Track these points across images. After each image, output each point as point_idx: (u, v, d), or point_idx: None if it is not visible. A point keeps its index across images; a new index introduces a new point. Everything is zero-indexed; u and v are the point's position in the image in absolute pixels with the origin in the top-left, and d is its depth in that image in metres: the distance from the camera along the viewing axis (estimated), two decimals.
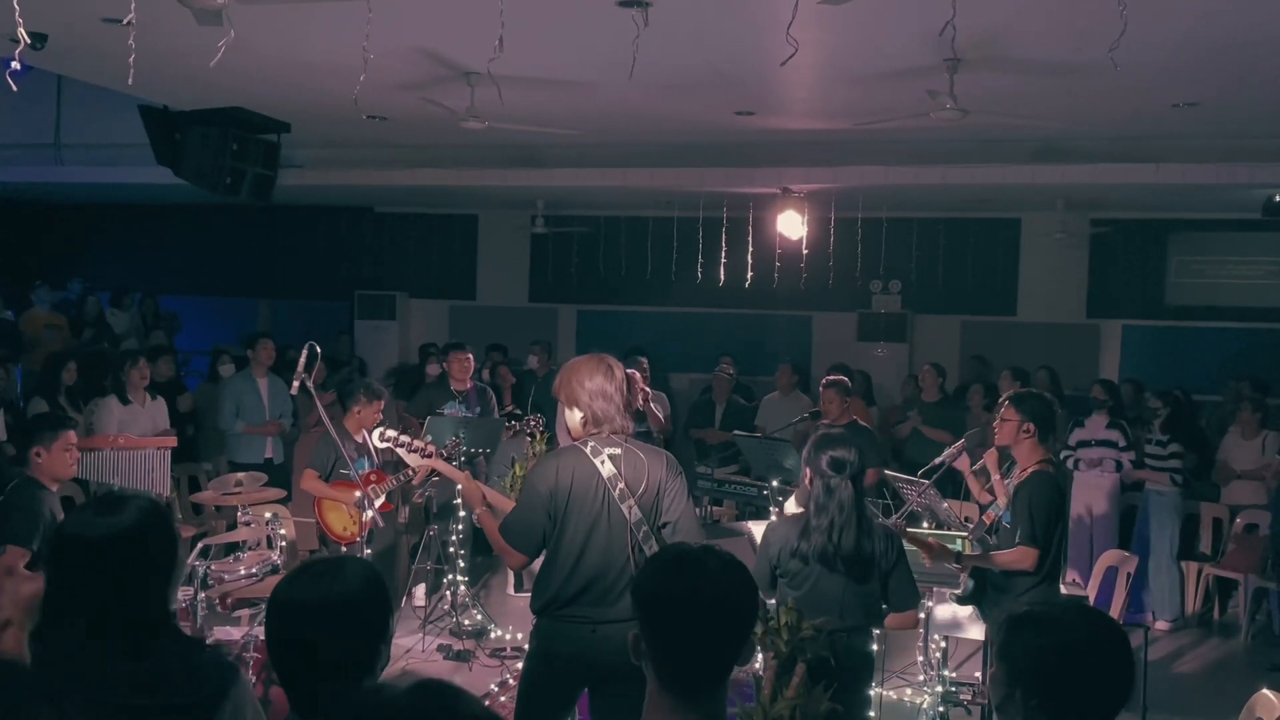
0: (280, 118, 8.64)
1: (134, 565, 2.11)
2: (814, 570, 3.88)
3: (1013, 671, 1.95)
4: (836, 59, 6.47)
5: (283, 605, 2.01)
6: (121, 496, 2.21)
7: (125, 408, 7.46)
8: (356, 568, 2.05)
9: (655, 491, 3.65)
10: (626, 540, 3.58)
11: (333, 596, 1.97)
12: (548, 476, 3.63)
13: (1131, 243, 11.57)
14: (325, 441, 6.33)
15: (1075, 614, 1.99)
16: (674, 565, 2.02)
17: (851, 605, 3.91)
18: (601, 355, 3.77)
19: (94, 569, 2.09)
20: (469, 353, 7.93)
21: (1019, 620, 2.00)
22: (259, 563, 4.80)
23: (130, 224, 14.04)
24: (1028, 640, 1.96)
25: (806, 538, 3.90)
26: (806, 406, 9.30)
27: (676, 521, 3.67)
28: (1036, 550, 4.55)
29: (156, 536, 2.16)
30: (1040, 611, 2.01)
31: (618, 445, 3.65)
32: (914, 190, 9.93)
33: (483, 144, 9.28)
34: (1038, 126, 8.02)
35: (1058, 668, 1.90)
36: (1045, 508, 4.59)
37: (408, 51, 6.45)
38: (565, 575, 3.59)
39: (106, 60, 6.76)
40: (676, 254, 11.50)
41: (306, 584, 2.01)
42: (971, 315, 12.07)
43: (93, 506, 2.21)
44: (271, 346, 8.35)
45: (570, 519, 3.59)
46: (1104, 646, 1.92)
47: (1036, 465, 4.70)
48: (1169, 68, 6.38)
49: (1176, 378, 9.97)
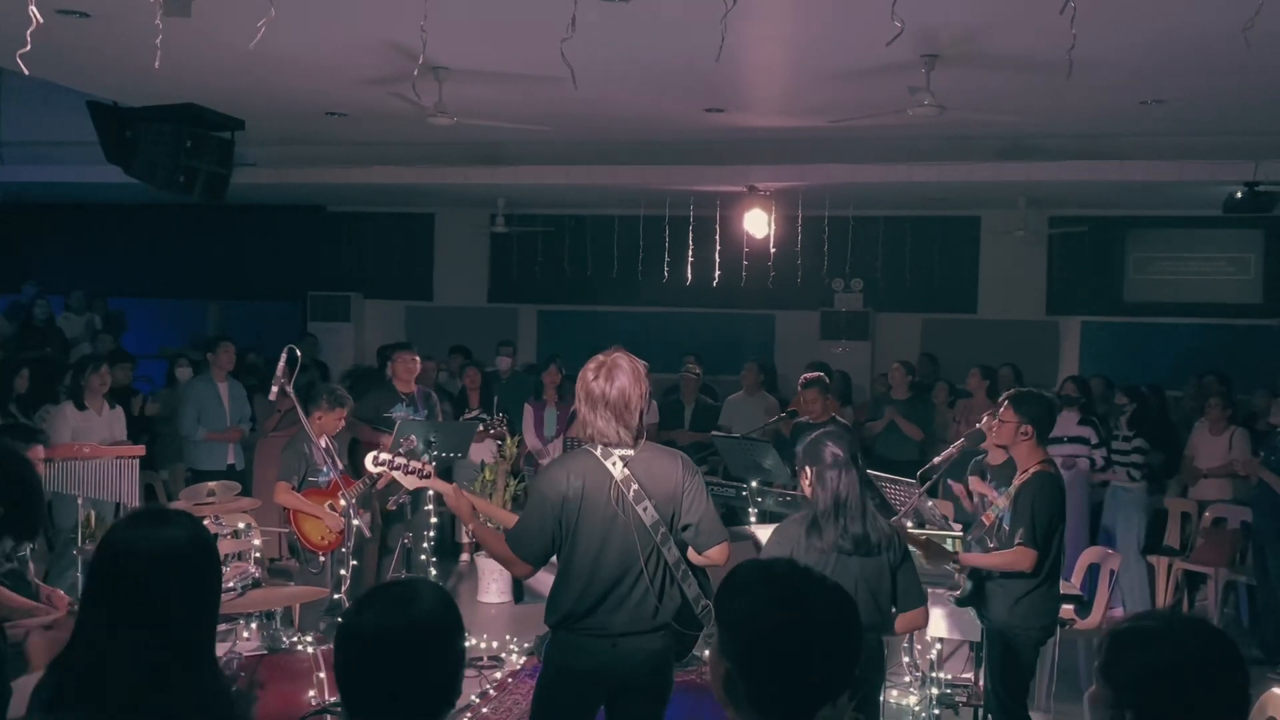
0: (235, 114, 8.38)
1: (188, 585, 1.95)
2: (828, 561, 3.75)
3: (1121, 693, 1.82)
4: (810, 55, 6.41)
5: (362, 636, 1.83)
6: (163, 512, 2.05)
7: (81, 414, 7.14)
8: (431, 589, 1.91)
9: (673, 492, 3.50)
10: (644, 543, 3.43)
11: (414, 622, 1.82)
12: (558, 482, 3.45)
13: (1090, 240, 11.67)
14: (293, 450, 6.13)
15: (1184, 628, 1.86)
16: (772, 592, 1.82)
17: (865, 601, 3.81)
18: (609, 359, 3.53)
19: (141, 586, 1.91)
20: (415, 354, 7.68)
21: (1125, 636, 1.87)
22: (238, 576, 4.60)
23: (75, 224, 13.60)
24: (1139, 659, 1.82)
25: (817, 532, 3.80)
26: (772, 406, 9.25)
27: (698, 523, 3.50)
28: (1035, 552, 4.50)
29: (207, 555, 2.01)
30: (1148, 626, 1.88)
31: (629, 446, 3.48)
32: (880, 188, 9.93)
33: (442, 141, 9.09)
34: (1006, 123, 8.03)
35: (1173, 687, 1.78)
36: (1047, 510, 4.54)
37: (373, 45, 6.27)
38: (582, 585, 3.42)
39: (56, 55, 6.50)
40: (642, 253, 11.40)
41: (385, 610, 1.84)
42: (933, 313, 12.11)
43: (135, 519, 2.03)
44: (232, 350, 8.12)
45: (583, 524, 3.42)
46: (1220, 663, 1.81)
47: (1038, 466, 4.64)
48: (1140, 64, 6.40)
49: (1135, 374, 10.05)
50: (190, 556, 1.96)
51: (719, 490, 7.57)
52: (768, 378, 10.27)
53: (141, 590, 1.91)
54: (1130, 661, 1.83)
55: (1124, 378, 9.60)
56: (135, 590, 1.91)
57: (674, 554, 3.50)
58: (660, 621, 3.48)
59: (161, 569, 1.92)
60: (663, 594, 3.48)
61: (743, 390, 9.66)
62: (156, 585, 1.91)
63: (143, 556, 1.93)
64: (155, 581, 1.91)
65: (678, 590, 3.53)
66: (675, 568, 3.51)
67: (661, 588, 3.48)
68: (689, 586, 3.53)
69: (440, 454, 6.95)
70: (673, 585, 3.51)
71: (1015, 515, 4.64)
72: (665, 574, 3.49)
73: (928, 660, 5.32)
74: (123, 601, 1.91)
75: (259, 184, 10.22)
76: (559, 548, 3.47)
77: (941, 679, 5.25)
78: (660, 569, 3.49)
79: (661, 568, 3.49)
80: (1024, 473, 4.69)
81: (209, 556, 2.01)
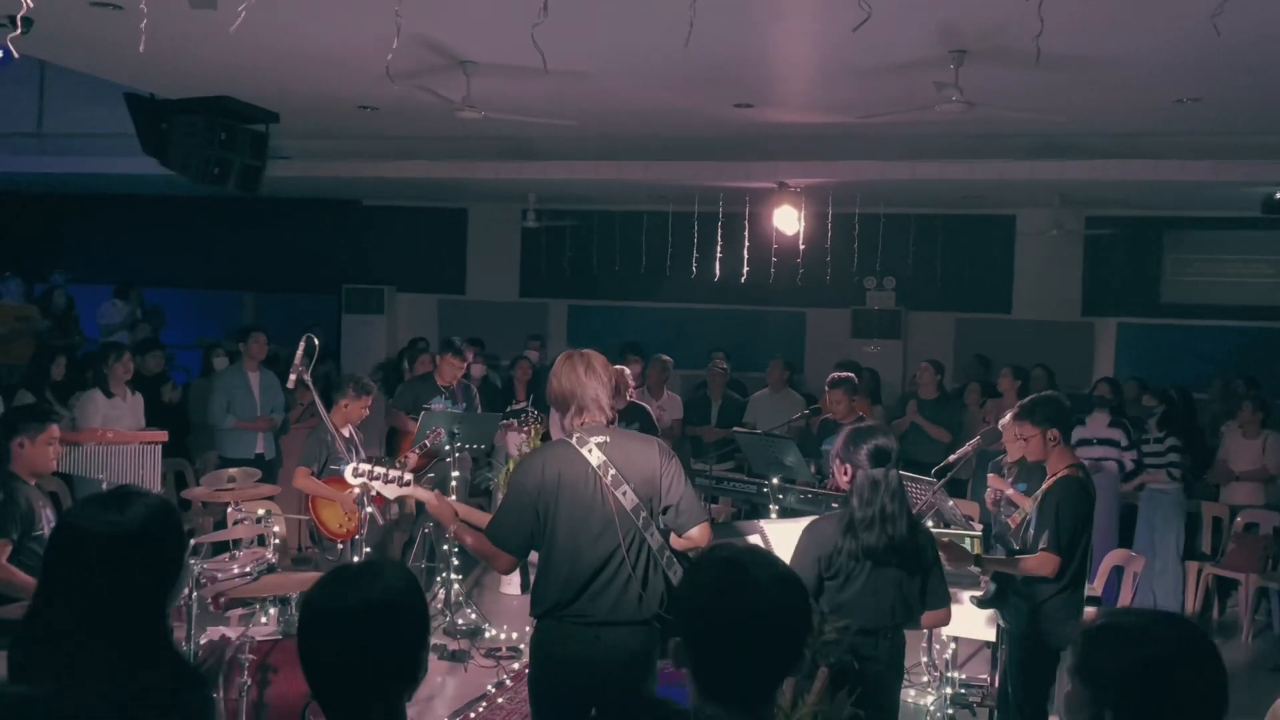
0: (269, 107, 8.48)
1: (134, 567, 1.96)
2: (863, 567, 3.73)
3: (1099, 692, 1.78)
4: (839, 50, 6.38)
5: (320, 614, 1.84)
6: (132, 493, 2.06)
7: (109, 401, 7.29)
8: (394, 569, 1.91)
9: (651, 476, 3.53)
10: (625, 528, 3.46)
11: (375, 600, 1.82)
12: (534, 472, 3.50)
13: (1127, 240, 11.52)
14: (315, 437, 6.20)
15: (1162, 625, 1.82)
16: (718, 576, 1.87)
17: (899, 602, 3.79)
18: (571, 350, 3.67)
19: (91, 567, 1.95)
20: (463, 360, 7.78)
21: (1101, 634, 1.83)
22: (253, 561, 4.66)
23: (115, 215, 13.83)
24: (1114, 656, 1.79)
25: (853, 535, 3.75)
26: (797, 403, 9.22)
27: (678, 504, 3.54)
28: (1058, 558, 4.43)
29: (162, 540, 2.02)
30: (1124, 623, 1.84)
31: (604, 434, 3.53)
32: (911, 185, 9.85)
33: (474, 136, 9.14)
34: (1038, 121, 7.95)
35: (1151, 684, 1.75)
36: (1072, 515, 4.47)
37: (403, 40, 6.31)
38: (565, 573, 3.46)
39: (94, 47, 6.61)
40: (671, 249, 11.40)
41: (344, 589, 1.84)
42: (966, 313, 12.01)
43: (101, 500, 2.05)
44: (264, 340, 8.21)
45: (562, 513, 3.46)
46: (1199, 659, 1.78)
47: (1066, 470, 4.57)
48: (1175, 63, 6.31)
49: (1171, 376, 9.93)
50: (139, 540, 1.98)
51: (740, 486, 7.58)
52: (794, 375, 10.24)
53: (90, 569, 1.95)
54: (1107, 660, 1.80)
55: (1159, 380, 9.48)
56: (84, 569, 1.95)
57: (657, 539, 3.52)
58: (645, 613, 3.49)
59: (110, 551, 1.96)
60: (646, 580, 3.50)
61: (769, 387, 9.64)
62: (104, 566, 1.95)
63: (93, 537, 1.97)
64: (103, 562, 1.95)
65: (661, 577, 3.54)
66: (659, 553, 3.53)
67: (645, 574, 3.50)
68: (673, 573, 3.54)
69: (465, 445, 7.02)
70: (656, 572, 3.53)
71: (1040, 519, 4.58)
72: (649, 559, 3.51)
73: (943, 660, 5.28)
74: (74, 579, 1.95)
75: (294, 177, 10.33)
76: (539, 539, 3.50)
77: (956, 679, 5.21)
78: (643, 554, 3.50)
79: (645, 553, 3.50)
80: (1052, 477, 4.61)
81: (160, 541, 2.02)
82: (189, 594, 3.96)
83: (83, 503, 2.10)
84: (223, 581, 4.49)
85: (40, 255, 13.30)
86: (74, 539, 1.99)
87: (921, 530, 3.87)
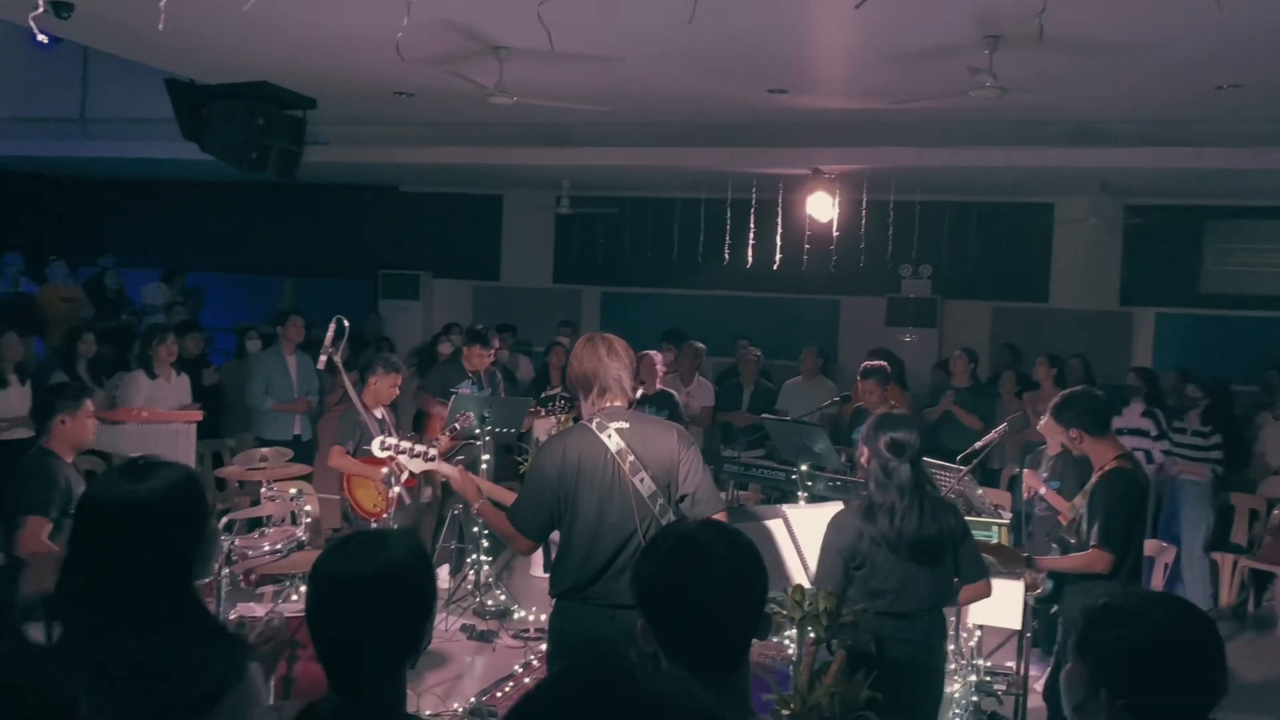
0: (307, 93, 8.56)
1: (152, 538, 2.01)
2: (888, 553, 3.74)
3: (1097, 669, 1.81)
4: (874, 35, 6.34)
5: (325, 580, 1.89)
6: (153, 464, 2.10)
7: (152, 382, 7.42)
8: (401, 540, 1.94)
9: (669, 464, 3.56)
10: (641, 514, 3.49)
11: (380, 570, 1.86)
12: (554, 457, 3.55)
13: (1167, 229, 11.36)
14: (349, 418, 6.27)
15: (1161, 605, 1.85)
16: (672, 550, 1.91)
17: (926, 584, 3.79)
18: (592, 333, 3.74)
19: (110, 537, 2.00)
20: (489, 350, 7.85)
21: (1100, 614, 1.85)
22: (284, 539, 4.73)
23: (155, 200, 14.02)
24: (1113, 635, 1.81)
25: (872, 520, 3.76)
26: (830, 391, 9.19)
27: (695, 493, 3.58)
28: (1110, 554, 4.36)
29: (181, 510, 2.06)
30: (1122, 604, 1.86)
31: (624, 419, 3.57)
32: (948, 173, 9.78)
33: (509, 122, 9.18)
34: (1076, 107, 7.87)
35: (1148, 665, 1.76)
36: (1123, 509, 4.39)
37: (436, 25, 6.35)
38: (583, 557, 3.51)
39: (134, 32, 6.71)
40: (704, 236, 11.39)
41: (350, 557, 1.89)
42: (1003, 301, 11.91)
43: (120, 471, 2.11)
44: (301, 324, 8.30)
45: (581, 498, 3.51)
46: (1196, 638, 1.79)
47: (1113, 463, 4.48)
48: (1216, 48, 6.22)
49: (1210, 367, 9.78)
50: (158, 508, 2.02)
51: (769, 473, 7.58)
52: (827, 363, 10.20)
53: (110, 536, 2.00)
54: (1106, 639, 1.82)
55: (1199, 371, 9.35)
56: (105, 536, 2.01)
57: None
58: None
59: (127, 518, 2.01)
60: None
61: (802, 375, 9.62)
62: (123, 533, 2.00)
63: (114, 507, 2.02)
64: (122, 529, 2.00)
65: None
66: None
67: None
68: None
69: (494, 429, 7.09)
70: None
71: (1090, 515, 4.51)
72: None
73: (969, 648, 5.27)
74: (95, 545, 2.01)
75: (332, 163, 10.43)
76: (559, 522, 3.55)
77: (982, 667, 5.19)
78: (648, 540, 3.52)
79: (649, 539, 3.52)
80: (1099, 471, 4.54)
81: (180, 509, 2.06)
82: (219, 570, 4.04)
83: (106, 474, 2.16)
84: (253, 558, 4.57)
85: (84, 239, 13.53)
86: (94, 507, 2.04)
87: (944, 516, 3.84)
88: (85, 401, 4.45)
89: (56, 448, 4.54)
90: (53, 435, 4.53)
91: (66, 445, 4.56)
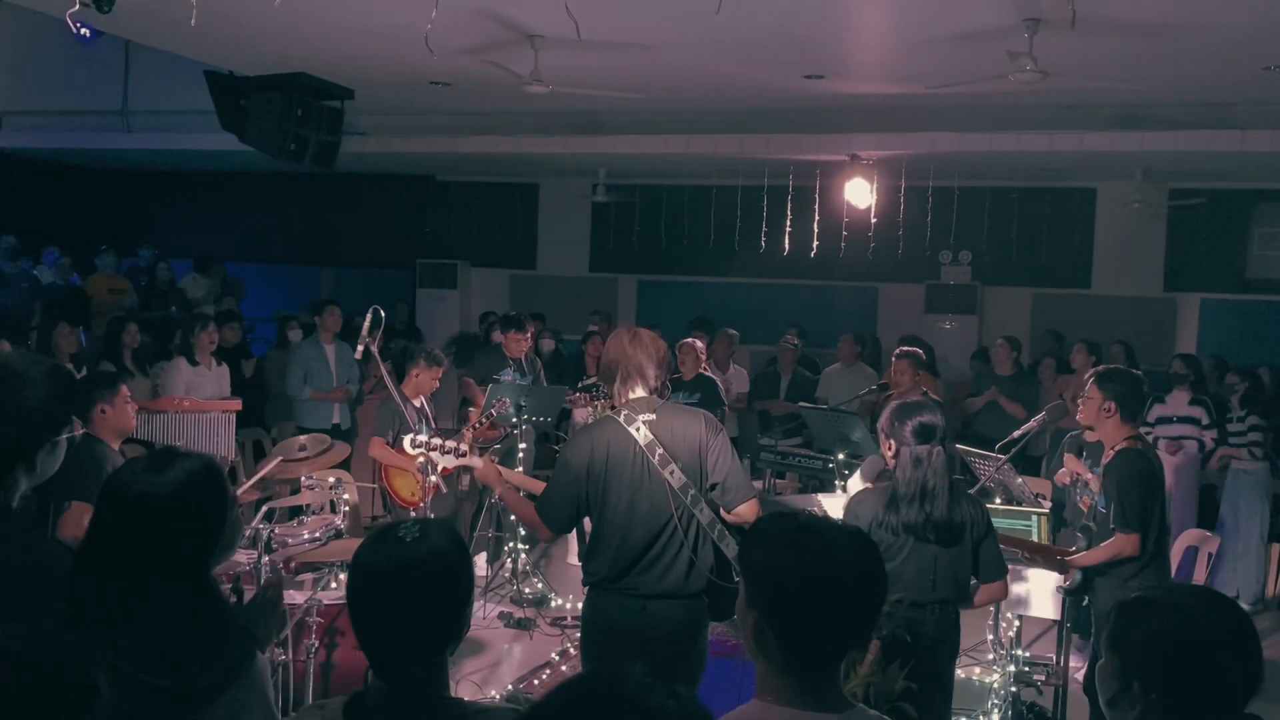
0: (344, 84, 8.62)
1: (172, 529, 2.03)
2: (905, 542, 3.74)
3: (1129, 663, 1.79)
4: (911, 19, 6.28)
5: (367, 570, 1.92)
6: (175, 454, 2.12)
7: (193, 370, 7.52)
8: (441, 529, 1.97)
9: (697, 452, 3.56)
10: (672, 506, 3.50)
11: (420, 559, 1.89)
12: (582, 451, 3.57)
13: (1212, 214, 11.15)
14: (387, 408, 6.32)
15: (1194, 598, 1.83)
16: (793, 539, 1.84)
17: (944, 578, 3.78)
18: (625, 325, 3.75)
19: (130, 527, 2.03)
20: (524, 334, 7.94)
21: (1133, 606, 1.84)
22: (322, 527, 4.79)
23: (196, 191, 14.17)
24: (1145, 628, 1.79)
25: (895, 509, 3.75)
26: (869, 378, 9.13)
27: (724, 480, 3.57)
28: (1135, 535, 4.34)
29: (202, 501, 2.08)
30: (1156, 596, 1.85)
31: (652, 410, 3.57)
32: (987, 158, 9.67)
33: (545, 110, 9.18)
34: (1118, 90, 7.74)
35: (1181, 657, 1.74)
36: (1136, 488, 4.37)
37: (471, 15, 6.36)
38: (615, 550, 3.53)
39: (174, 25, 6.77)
40: (740, 223, 11.34)
41: (391, 547, 1.92)
42: (1044, 288, 11.76)
43: (145, 461, 2.14)
44: (339, 313, 8.38)
45: (611, 491, 3.52)
46: (1230, 632, 1.76)
47: (1124, 443, 4.48)
48: (1262, 28, 6.09)
49: (1256, 354, 9.63)
50: (178, 499, 2.04)
51: (806, 462, 7.56)
52: (866, 350, 10.14)
53: (131, 526, 2.03)
54: (1138, 631, 1.80)
55: (1244, 358, 9.20)
56: (125, 525, 2.03)
57: (707, 515, 3.55)
58: (693, 588, 3.55)
59: (149, 509, 2.03)
60: (696, 555, 3.54)
61: (840, 363, 9.57)
62: (144, 523, 2.02)
63: (136, 498, 2.04)
64: (143, 519, 2.02)
65: (711, 550, 3.58)
66: (710, 528, 3.57)
67: (695, 548, 3.55)
68: (727, 547, 3.58)
69: (530, 417, 7.12)
70: (706, 546, 3.57)
71: (1106, 497, 4.51)
72: (699, 535, 3.56)
73: (1008, 638, 5.22)
74: (116, 536, 2.03)
75: (370, 153, 10.49)
76: (589, 514, 3.57)
77: (1021, 657, 5.15)
78: (694, 531, 3.55)
79: (695, 529, 3.55)
80: (1110, 451, 4.55)
81: (200, 500, 2.08)
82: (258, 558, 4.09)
83: (128, 464, 2.19)
84: (293, 546, 4.62)
85: (126, 230, 13.70)
86: (116, 497, 2.07)
87: (967, 505, 3.82)
88: (121, 387, 4.50)
89: (103, 435, 4.60)
90: (95, 425, 4.58)
91: (111, 432, 4.61)
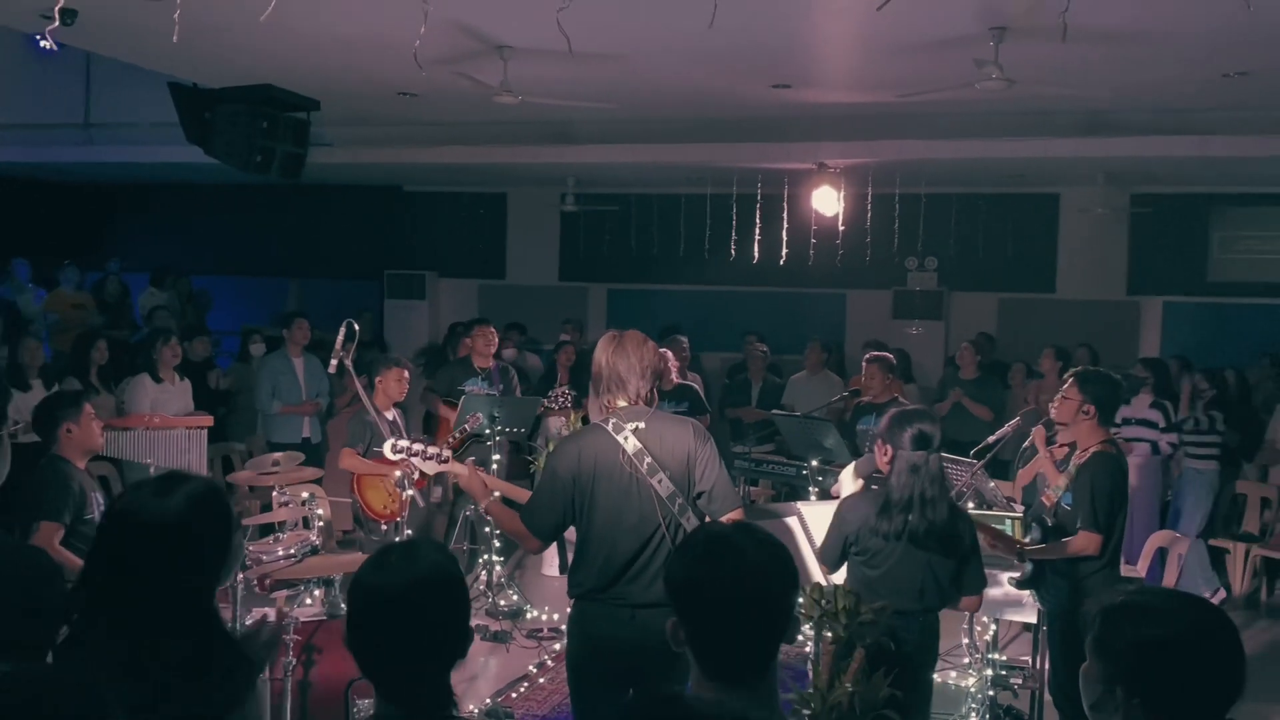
0: (310, 95, 8.56)
1: (177, 552, 2.02)
2: (895, 549, 3.76)
3: (1112, 667, 1.80)
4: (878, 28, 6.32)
5: (369, 593, 1.92)
6: (179, 478, 2.11)
7: (158, 386, 7.42)
8: (433, 547, 1.99)
9: (685, 461, 3.54)
10: (659, 515, 3.48)
11: (420, 578, 1.90)
12: (568, 459, 3.54)
13: (1173, 218, 11.32)
14: (359, 420, 6.27)
15: (1178, 603, 1.84)
16: (706, 550, 1.93)
17: (931, 586, 3.80)
18: (615, 331, 3.71)
19: (136, 551, 2.00)
20: (492, 327, 7.89)
21: (1117, 611, 1.84)
22: (297, 543, 4.74)
23: (160, 203, 14.03)
24: (1128, 633, 1.81)
25: (888, 516, 3.77)
26: (835, 385, 9.18)
27: (711, 490, 3.56)
28: (1100, 536, 4.43)
29: (207, 525, 2.07)
30: (1140, 601, 1.85)
31: (641, 419, 3.54)
32: (953, 165, 9.76)
33: (513, 120, 9.15)
34: (1082, 98, 7.83)
35: (1163, 662, 1.76)
36: (1108, 491, 4.46)
37: (440, 25, 6.34)
38: (602, 559, 3.50)
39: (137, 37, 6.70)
40: (709, 231, 11.38)
41: (390, 569, 1.92)
42: (1009, 293, 11.88)
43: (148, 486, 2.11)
44: (307, 326, 8.30)
45: (599, 500, 3.49)
46: (1212, 638, 1.78)
47: (1098, 446, 4.55)
48: (1222, 35, 6.19)
49: (1219, 356, 9.76)
50: (186, 524, 2.03)
51: (779, 469, 7.57)
52: (832, 357, 10.19)
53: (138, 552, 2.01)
54: (1122, 636, 1.82)
55: (1206, 359, 9.32)
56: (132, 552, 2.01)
57: (694, 523, 3.53)
58: None
59: (157, 535, 2.01)
60: None
61: (806, 370, 9.61)
62: (151, 549, 2.01)
63: (142, 522, 2.03)
64: (150, 545, 2.01)
65: None
66: None
67: None
68: None
69: (504, 429, 7.08)
70: None
71: (1076, 497, 4.56)
72: None
73: (984, 642, 5.26)
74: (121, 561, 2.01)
75: (336, 164, 10.43)
76: (575, 523, 3.55)
77: (997, 661, 5.18)
78: (680, 539, 3.51)
79: (682, 539, 3.52)
80: (1083, 452, 4.61)
81: (206, 524, 2.07)
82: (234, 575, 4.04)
83: (133, 488, 2.16)
84: (267, 563, 4.57)
85: (91, 244, 13.53)
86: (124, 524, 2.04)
87: (962, 516, 3.87)
88: (84, 405, 4.45)
89: (69, 454, 4.54)
90: (61, 444, 4.52)
91: (78, 451, 4.55)
